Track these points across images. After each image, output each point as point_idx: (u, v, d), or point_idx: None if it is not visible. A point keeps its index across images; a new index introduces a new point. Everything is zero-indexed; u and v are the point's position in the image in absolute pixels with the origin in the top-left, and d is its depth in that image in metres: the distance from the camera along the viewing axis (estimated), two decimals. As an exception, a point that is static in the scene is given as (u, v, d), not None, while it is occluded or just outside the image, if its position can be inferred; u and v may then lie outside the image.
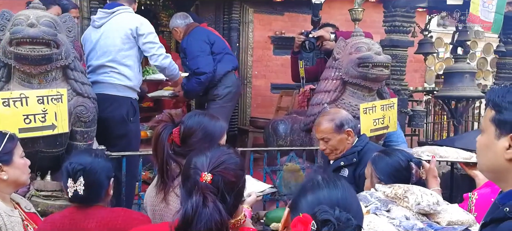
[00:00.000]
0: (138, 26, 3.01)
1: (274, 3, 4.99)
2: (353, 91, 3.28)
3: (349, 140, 2.43)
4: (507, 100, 1.11)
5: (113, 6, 3.08)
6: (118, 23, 3.03)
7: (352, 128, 2.42)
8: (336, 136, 2.41)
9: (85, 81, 2.67)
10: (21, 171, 1.84)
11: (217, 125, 1.80)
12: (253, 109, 5.12)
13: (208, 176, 1.23)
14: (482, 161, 1.20)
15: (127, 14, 3.09)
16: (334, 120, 2.41)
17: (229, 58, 3.86)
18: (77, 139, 2.64)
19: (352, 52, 3.25)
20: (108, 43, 3.00)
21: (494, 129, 1.14)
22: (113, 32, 3.01)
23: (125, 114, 3.00)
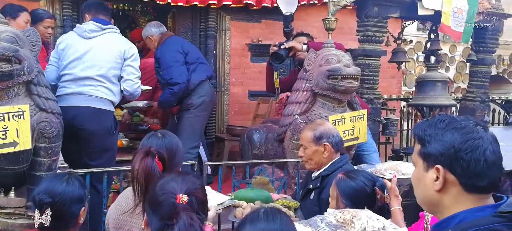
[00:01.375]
0: (128, 49, 3.16)
1: (251, 10, 4.99)
2: (323, 102, 3.31)
3: (325, 154, 2.42)
4: (428, 134, 1.14)
5: (104, 22, 3.16)
6: (110, 41, 3.12)
7: (331, 143, 2.40)
8: (312, 146, 2.43)
9: (49, 97, 2.64)
10: None
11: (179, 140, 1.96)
12: (231, 117, 5.12)
13: (184, 197, 1.31)
14: (417, 194, 1.22)
15: (118, 35, 3.22)
16: (315, 130, 2.43)
17: (203, 67, 3.86)
18: (41, 155, 2.61)
19: (322, 64, 3.27)
20: (99, 58, 3.04)
21: (421, 162, 1.17)
22: (106, 48, 3.08)
23: (109, 127, 3.08)
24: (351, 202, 1.91)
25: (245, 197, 2.58)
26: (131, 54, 3.15)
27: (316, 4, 5.15)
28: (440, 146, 1.11)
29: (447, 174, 1.11)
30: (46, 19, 3.71)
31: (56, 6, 4.27)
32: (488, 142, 1.09)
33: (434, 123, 1.13)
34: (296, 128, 3.27)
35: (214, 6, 4.71)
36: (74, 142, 3.06)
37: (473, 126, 1.10)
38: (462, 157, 1.08)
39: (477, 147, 1.07)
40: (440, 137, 1.11)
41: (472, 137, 1.08)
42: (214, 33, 4.94)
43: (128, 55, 3.13)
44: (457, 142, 1.08)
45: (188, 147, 3.81)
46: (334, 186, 1.95)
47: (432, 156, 1.12)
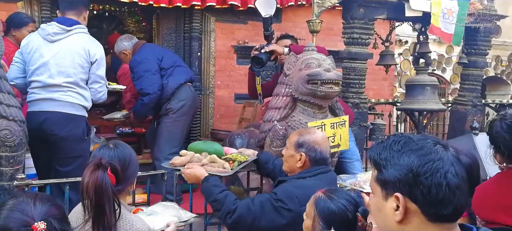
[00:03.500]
0: (95, 53, 3.01)
1: (236, 11, 4.87)
2: (303, 108, 3.18)
3: (299, 164, 2.30)
4: (383, 158, 1.03)
5: (69, 23, 2.99)
6: (76, 44, 2.96)
7: (309, 156, 2.26)
8: (290, 149, 2.32)
9: (11, 103, 2.52)
10: None
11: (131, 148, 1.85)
12: (216, 120, 5.01)
13: (41, 224, 1.18)
14: (377, 224, 1.11)
15: (85, 36, 3.05)
16: (301, 136, 2.32)
17: (181, 70, 3.77)
18: (3, 164, 2.50)
19: (302, 68, 3.15)
20: (66, 64, 2.92)
21: (380, 190, 1.06)
22: (72, 53, 2.94)
23: (81, 133, 2.99)
24: (328, 225, 1.77)
25: (196, 148, 2.63)
26: (95, 58, 3.01)
27: (304, 5, 5.03)
28: (397, 171, 1.00)
29: (407, 203, 1.00)
30: (30, 24, 3.68)
31: (35, 8, 4.17)
32: (449, 163, 0.98)
33: (389, 145, 1.02)
34: (275, 134, 3.15)
35: (198, 7, 4.60)
36: (45, 148, 2.96)
37: (431, 145, 0.99)
38: (422, 182, 0.97)
39: (437, 169, 0.97)
40: (396, 161, 1.01)
41: (431, 158, 0.97)
42: (198, 35, 4.84)
43: (93, 59, 3.00)
44: (415, 165, 0.98)
45: (167, 153, 3.73)
46: (312, 204, 1.80)
47: (390, 183, 1.02)
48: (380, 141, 1.08)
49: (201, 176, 2.30)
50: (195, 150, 2.61)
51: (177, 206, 2.49)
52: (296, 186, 2.14)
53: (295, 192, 2.09)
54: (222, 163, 2.50)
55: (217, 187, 2.22)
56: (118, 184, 1.66)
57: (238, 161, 2.60)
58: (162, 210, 2.33)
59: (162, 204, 2.51)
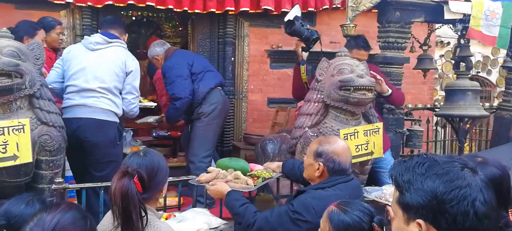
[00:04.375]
0: (130, 65, 3.17)
1: (270, 16, 4.87)
2: (335, 114, 3.13)
3: (317, 173, 2.28)
4: (406, 180, 0.97)
5: (111, 36, 3.18)
6: (115, 55, 3.13)
7: (327, 167, 2.23)
8: (310, 158, 2.30)
9: (51, 110, 2.64)
10: None
11: (163, 157, 1.87)
12: (249, 125, 5.02)
13: None
14: None
15: (123, 50, 3.22)
16: (320, 145, 2.29)
17: (211, 75, 3.82)
18: (43, 168, 2.63)
19: (334, 74, 3.10)
20: (103, 71, 3.06)
21: (401, 213, 1.00)
22: (109, 62, 3.09)
23: (113, 138, 3.09)
24: None
25: (223, 165, 2.72)
26: (131, 70, 3.15)
27: (339, 8, 4.95)
28: (420, 197, 0.94)
29: (430, 229, 0.94)
30: (57, 26, 3.79)
31: (76, 16, 4.34)
32: (477, 190, 0.91)
33: (412, 167, 0.96)
34: (307, 141, 3.11)
35: (232, 13, 4.63)
36: (80, 153, 3.07)
37: (458, 170, 0.93)
38: (447, 210, 0.91)
39: (464, 197, 0.90)
40: (419, 185, 0.95)
41: (457, 185, 0.91)
42: (232, 39, 4.87)
43: (129, 70, 3.13)
44: (440, 191, 0.92)
45: (200, 156, 3.79)
46: (326, 219, 1.77)
47: (412, 208, 0.96)
48: (402, 160, 1.03)
49: (224, 191, 2.36)
50: (222, 166, 2.69)
51: (208, 212, 2.53)
52: (314, 197, 2.11)
53: (313, 203, 2.07)
54: (245, 179, 2.56)
55: (238, 200, 2.27)
56: (146, 191, 1.69)
57: (262, 177, 2.61)
58: (192, 216, 2.37)
59: (193, 210, 2.56)
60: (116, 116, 3.13)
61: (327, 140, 2.38)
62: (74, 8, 4.29)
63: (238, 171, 2.67)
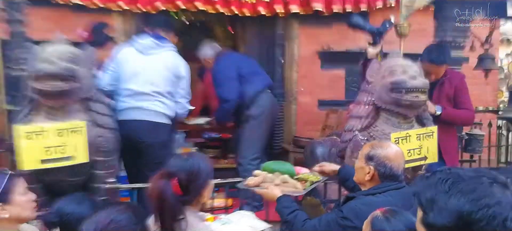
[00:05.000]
0: (182, 70, 3.29)
1: (321, 16, 4.78)
2: (387, 118, 3.02)
3: (367, 177, 2.21)
4: (429, 198, 0.90)
5: (162, 39, 3.28)
6: (167, 59, 3.24)
7: (378, 171, 2.15)
8: (361, 161, 2.23)
9: (105, 113, 2.78)
10: (22, 208, 1.90)
11: (207, 160, 1.88)
12: (299, 128, 4.95)
13: None
14: None
15: (175, 54, 3.33)
16: (372, 149, 2.21)
17: (259, 77, 3.84)
18: (98, 168, 2.76)
19: (385, 76, 2.99)
20: (157, 76, 3.18)
21: None
22: (162, 67, 3.20)
23: (165, 140, 3.20)
24: None
25: (268, 168, 2.69)
26: (183, 75, 3.26)
27: (394, 7, 4.77)
28: (445, 217, 0.87)
29: None
30: None
31: (129, 21, 4.50)
32: (508, 208, 0.82)
33: (434, 184, 0.88)
34: (356, 144, 3.03)
35: (282, 15, 4.60)
36: (134, 154, 3.19)
37: (486, 186, 0.84)
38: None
39: (493, 216, 0.82)
40: (443, 204, 0.87)
41: (485, 203, 0.82)
42: (281, 41, 4.84)
43: (181, 75, 3.24)
44: (466, 211, 0.83)
45: (249, 158, 3.82)
46: (368, 223, 1.71)
47: (436, 229, 0.89)
48: (424, 175, 0.95)
49: (274, 196, 2.35)
50: (268, 170, 2.67)
51: (254, 215, 2.54)
52: (364, 203, 2.04)
53: (363, 209, 1.99)
54: (294, 183, 2.53)
55: (288, 208, 2.25)
56: (185, 194, 1.70)
57: (310, 180, 2.58)
58: (237, 219, 2.39)
59: (239, 213, 2.57)
60: (168, 118, 3.23)
61: (380, 144, 2.30)
62: (127, 13, 4.46)
63: (285, 174, 2.65)
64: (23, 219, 1.95)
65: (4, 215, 1.83)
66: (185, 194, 1.71)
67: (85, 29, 4.01)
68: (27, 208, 1.93)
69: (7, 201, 1.85)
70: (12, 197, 1.86)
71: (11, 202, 1.86)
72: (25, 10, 3.11)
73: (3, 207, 1.83)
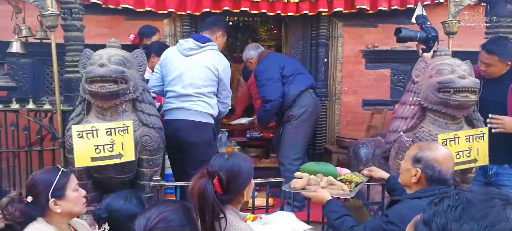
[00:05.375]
0: (221, 69, 3.27)
1: (366, 15, 4.69)
2: (434, 118, 2.92)
3: (413, 179, 2.13)
4: (440, 227, 0.84)
5: (203, 40, 3.32)
6: (207, 59, 3.26)
7: (426, 174, 2.07)
8: (407, 162, 2.16)
9: (151, 112, 2.87)
10: (74, 203, 2.00)
11: (248, 160, 1.90)
12: (342, 127, 4.89)
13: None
14: None
15: (215, 53, 3.33)
16: (420, 150, 2.13)
17: (302, 77, 3.82)
18: (144, 166, 2.87)
19: (433, 75, 2.90)
20: (196, 76, 3.23)
21: None
22: (202, 67, 3.24)
23: (208, 139, 3.26)
24: None
25: (310, 170, 2.67)
26: (225, 75, 3.29)
27: (442, 3, 4.59)
28: None
29: None
30: (157, 33, 4.18)
31: (177, 24, 4.64)
32: None
33: (443, 211, 0.83)
34: (401, 146, 2.95)
35: (325, 14, 4.56)
36: (179, 153, 3.28)
37: (498, 209, 0.78)
38: None
39: None
40: None
41: (501, 228, 0.77)
42: (325, 40, 4.79)
43: (221, 76, 3.26)
44: None
45: (290, 158, 3.81)
46: (411, 226, 1.66)
47: None
48: (433, 202, 0.90)
49: (323, 199, 2.35)
50: (309, 171, 2.66)
51: (294, 216, 2.53)
52: (410, 207, 1.97)
53: (409, 214, 1.92)
54: (341, 185, 2.52)
55: (335, 212, 2.24)
56: (226, 193, 1.74)
57: (354, 182, 2.54)
58: (277, 220, 2.39)
59: (279, 214, 2.57)
60: (211, 117, 3.28)
61: (428, 145, 2.20)
62: (175, 17, 4.59)
63: (330, 176, 2.63)
64: (74, 213, 2.05)
65: (57, 210, 1.94)
66: (226, 193, 1.74)
67: (135, 33, 4.22)
68: (78, 203, 2.03)
69: (60, 197, 1.94)
70: (64, 193, 1.96)
71: (64, 198, 1.96)
72: (81, 16, 3.29)
73: (56, 202, 1.93)
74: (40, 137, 3.27)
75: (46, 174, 1.97)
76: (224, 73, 3.28)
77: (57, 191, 1.93)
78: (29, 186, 1.98)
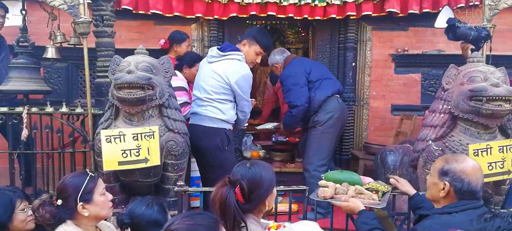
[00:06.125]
0: (234, 81, 3.18)
1: (396, 18, 4.59)
2: (465, 127, 2.83)
3: (441, 193, 2.06)
4: None
5: (228, 49, 3.30)
6: (221, 68, 3.22)
7: (454, 187, 1.99)
8: (434, 176, 2.10)
9: (177, 118, 2.91)
10: (101, 207, 2.05)
11: (270, 169, 1.90)
12: (370, 133, 4.80)
13: None
14: None
15: (232, 62, 3.24)
16: (446, 163, 2.06)
17: (328, 83, 3.77)
18: (169, 170, 2.91)
19: (464, 82, 2.81)
20: (208, 83, 3.25)
21: None
22: (214, 75, 3.23)
23: (219, 144, 3.22)
24: None
25: (334, 179, 2.60)
26: (239, 87, 3.19)
27: (478, 6, 4.43)
28: None
29: None
30: (187, 39, 4.27)
31: (205, 28, 4.69)
32: None
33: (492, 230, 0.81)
34: (430, 155, 2.88)
35: (354, 17, 4.50)
36: (198, 156, 3.34)
37: None
38: None
39: None
40: None
41: None
42: (353, 44, 4.72)
43: (236, 87, 3.18)
44: None
45: (315, 165, 3.77)
46: None
47: None
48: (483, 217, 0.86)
49: (356, 209, 2.31)
50: (334, 180, 2.61)
51: (317, 226, 2.49)
52: (440, 223, 1.90)
53: (439, 230, 1.87)
54: (370, 194, 2.47)
55: (366, 224, 2.19)
56: (247, 202, 1.74)
57: (381, 191, 2.49)
58: (299, 228, 2.37)
59: (302, 223, 2.53)
60: (224, 123, 3.24)
61: (455, 157, 2.12)
62: (202, 22, 4.64)
63: (357, 185, 2.59)
64: (101, 217, 2.10)
65: (84, 213, 1.99)
66: (247, 202, 1.74)
67: (165, 37, 4.30)
68: (105, 207, 2.08)
69: (87, 201, 2.00)
70: (92, 197, 2.01)
71: (91, 202, 2.01)
72: (112, 22, 3.37)
73: (83, 206, 1.99)
74: (72, 139, 3.38)
75: (75, 178, 2.03)
76: (238, 85, 3.18)
77: (85, 195, 1.99)
78: (59, 190, 2.04)
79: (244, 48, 3.33)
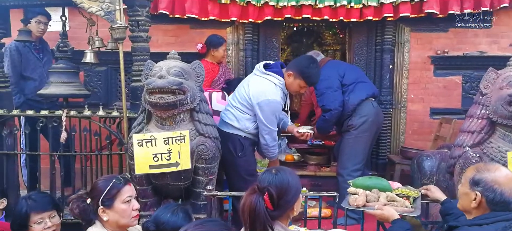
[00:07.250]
0: (256, 102, 3.16)
1: (435, 19, 4.43)
2: (504, 133, 2.71)
3: (473, 203, 1.99)
4: None
5: (271, 69, 3.26)
6: (252, 84, 3.23)
7: (486, 197, 1.91)
8: (465, 186, 2.01)
9: (208, 122, 2.95)
10: (120, 215, 2.05)
11: (295, 174, 1.89)
12: (408, 137, 4.66)
13: None
14: None
15: (266, 84, 3.20)
16: (478, 172, 1.98)
17: (363, 86, 3.70)
18: (200, 174, 2.95)
19: (503, 87, 2.69)
20: (239, 92, 3.32)
21: None
22: (246, 88, 3.26)
23: (231, 148, 3.27)
24: None
25: (363, 185, 2.58)
26: (260, 111, 3.15)
27: (524, 5, 4.21)
28: None
29: None
30: (224, 43, 4.32)
31: (239, 32, 4.73)
32: None
33: None
34: (466, 162, 2.77)
35: (391, 19, 4.38)
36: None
37: None
38: None
39: None
40: None
41: None
42: (390, 46, 4.60)
43: (257, 110, 3.17)
44: None
45: (349, 169, 3.72)
46: None
47: None
48: None
49: (390, 217, 2.28)
50: (362, 186, 2.56)
51: (343, 232, 2.47)
52: None
53: None
54: (402, 201, 2.42)
55: None
56: (275, 209, 1.74)
57: (412, 197, 2.42)
58: (328, 237, 2.35)
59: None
60: (237, 130, 3.26)
61: (487, 166, 2.03)
62: (238, 25, 4.68)
63: (388, 191, 2.54)
64: (121, 225, 2.09)
65: (104, 217, 2.04)
66: (276, 208, 1.74)
67: (202, 42, 4.38)
68: (125, 216, 2.07)
69: (108, 206, 2.03)
70: (112, 203, 2.04)
71: (111, 208, 2.04)
72: (147, 27, 3.47)
73: (104, 210, 2.03)
74: (109, 141, 3.51)
75: (104, 181, 2.08)
76: (260, 107, 3.15)
77: (106, 200, 2.03)
78: (90, 189, 2.13)
79: (289, 79, 3.24)
